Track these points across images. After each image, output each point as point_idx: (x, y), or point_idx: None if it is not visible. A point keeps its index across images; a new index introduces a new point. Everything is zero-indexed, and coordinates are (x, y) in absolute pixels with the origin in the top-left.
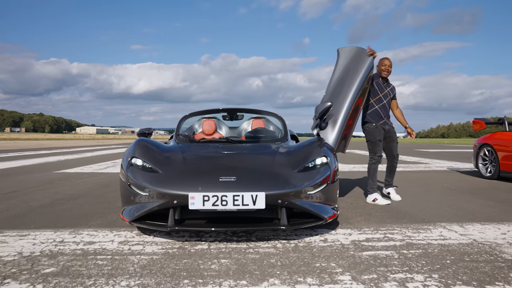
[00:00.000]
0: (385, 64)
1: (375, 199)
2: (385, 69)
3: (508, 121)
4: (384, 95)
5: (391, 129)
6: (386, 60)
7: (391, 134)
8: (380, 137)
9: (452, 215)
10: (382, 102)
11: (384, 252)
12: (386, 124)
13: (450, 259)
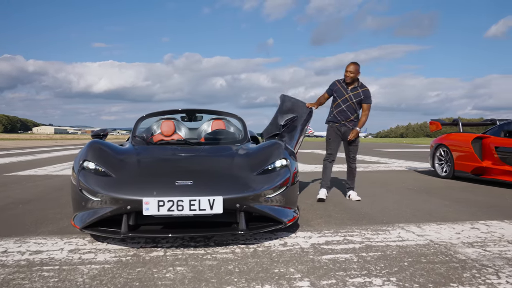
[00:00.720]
0: (347, 70)
1: (318, 193)
2: (347, 75)
3: (462, 122)
4: (343, 100)
5: (349, 131)
6: (349, 66)
7: (347, 136)
8: (331, 137)
9: (410, 216)
10: (340, 107)
11: (344, 256)
12: (344, 126)
13: (408, 261)
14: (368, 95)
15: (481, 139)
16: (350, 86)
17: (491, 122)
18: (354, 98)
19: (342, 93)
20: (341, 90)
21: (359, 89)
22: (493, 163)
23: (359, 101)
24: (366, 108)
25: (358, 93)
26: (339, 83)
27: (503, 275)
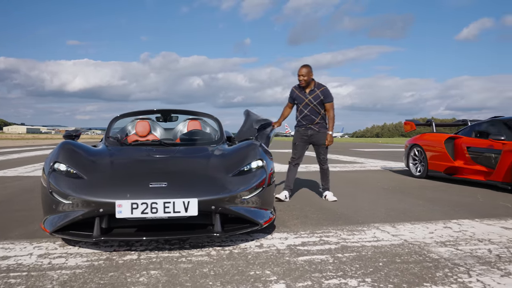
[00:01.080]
0: (299, 74)
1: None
2: (300, 79)
3: (435, 122)
4: (305, 105)
5: (315, 134)
6: (301, 69)
7: (315, 139)
8: (297, 141)
9: (385, 216)
10: (303, 113)
11: (319, 257)
12: (310, 129)
13: (383, 261)
14: (327, 94)
15: (453, 139)
16: (307, 90)
17: (463, 122)
18: (314, 100)
19: (301, 99)
20: (300, 96)
21: (317, 90)
22: (465, 163)
23: (320, 102)
24: (330, 107)
25: (316, 95)
26: (296, 89)
27: (474, 273)
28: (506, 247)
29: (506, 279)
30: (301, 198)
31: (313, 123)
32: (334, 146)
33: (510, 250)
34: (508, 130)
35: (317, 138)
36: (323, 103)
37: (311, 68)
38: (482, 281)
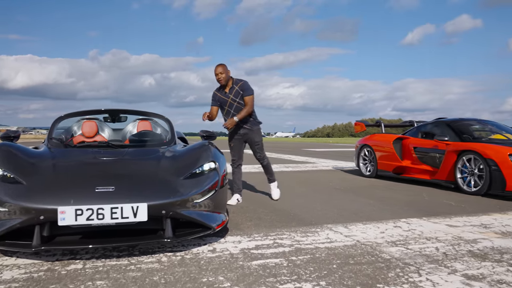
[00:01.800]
0: (217, 73)
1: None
2: (219, 78)
3: (384, 123)
4: (229, 105)
5: (247, 133)
6: (217, 68)
7: (248, 137)
8: (232, 143)
9: (337, 216)
10: (230, 113)
11: (274, 260)
12: (242, 128)
13: (337, 263)
14: (246, 87)
15: (401, 139)
16: (227, 89)
17: (410, 123)
18: (236, 98)
19: (224, 100)
20: (222, 97)
21: (236, 87)
22: (412, 163)
23: (242, 97)
24: (249, 100)
25: (236, 91)
26: (218, 91)
27: (423, 272)
28: (452, 245)
29: (452, 276)
30: (254, 200)
31: (242, 122)
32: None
33: (455, 247)
34: (451, 131)
35: (251, 136)
36: (243, 97)
37: (226, 66)
38: (431, 279)
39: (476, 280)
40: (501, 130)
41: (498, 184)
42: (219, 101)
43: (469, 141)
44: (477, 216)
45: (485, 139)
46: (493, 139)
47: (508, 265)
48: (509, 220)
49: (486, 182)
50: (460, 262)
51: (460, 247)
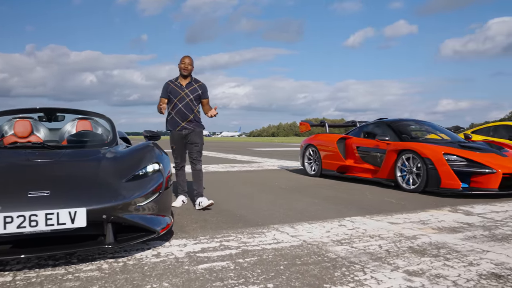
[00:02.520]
0: (185, 62)
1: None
2: (185, 68)
3: (328, 123)
4: (180, 99)
5: (190, 133)
6: (186, 58)
7: (190, 138)
8: (175, 144)
9: (283, 216)
10: (177, 107)
11: (220, 263)
12: (184, 128)
13: (284, 265)
14: (206, 90)
15: (344, 139)
16: (184, 82)
17: (353, 123)
18: (191, 94)
19: (177, 92)
20: (175, 89)
21: (195, 84)
22: (355, 162)
23: (197, 96)
24: (207, 103)
25: (194, 88)
26: (172, 82)
27: (368, 270)
28: (394, 242)
29: (395, 273)
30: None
31: (187, 121)
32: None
33: (397, 244)
34: (392, 131)
35: (192, 137)
36: (200, 98)
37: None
38: (375, 277)
39: (417, 275)
40: (435, 130)
41: (434, 182)
42: (170, 92)
43: (408, 140)
44: (415, 213)
45: (422, 138)
46: (429, 139)
47: (445, 259)
48: (444, 216)
49: (423, 180)
50: (401, 258)
51: (401, 243)
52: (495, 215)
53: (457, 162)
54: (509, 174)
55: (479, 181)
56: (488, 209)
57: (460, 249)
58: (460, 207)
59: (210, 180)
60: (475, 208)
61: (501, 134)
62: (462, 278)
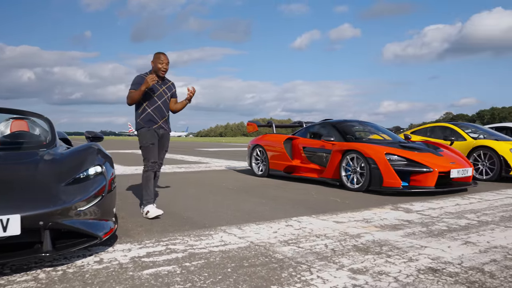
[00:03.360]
0: (163, 61)
1: (147, 211)
2: (164, 68)
3: (275, 124)
4: (159, 95)
5: (165, 134)
6: (164, 56)
7: (163, 141)
8: (153, 141)
9: (231, 217)
10: (157, 104)
11: (166, 268)
12: (161, 128)
13: (231, 267)
14: (175, 89)
15: (291, 140)
16: (160, 79)
17: (299, 124)
18: (168, 92)
19: (156, 88)
20: (154, 85)
21: (169, 82)
22: (301, 162)
23: (171, 95)
24: (175, 102)
25: (169, 86)
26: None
27: (314, 270)
28: (339, 241)
29: (340, 272)
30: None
31: (164, 119)
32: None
33: (342, 243)
34: (337, 132)
35: (165, 139)
36: (173, 97)
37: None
38: (321, 276)
39: (361, 273)
40: (378, 130)
41: (376, 181)
42: (149, 89)
43: (352, 141)
44: (359, 212)
45: (366, 139)
46: (372, 139)
47: (387, 256)
48: (386, 214)
49: (366, 179)
50: (346, 257)
51: (346, 242)
52: (432, 211)
53: (398, 161)
54: (444, 173)
55: (418, 179)
56: (426, 206)
57: (401, 246)
58: (400, 205)
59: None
60: (414, 206)
61: (437, 135)
62: (403, 274)
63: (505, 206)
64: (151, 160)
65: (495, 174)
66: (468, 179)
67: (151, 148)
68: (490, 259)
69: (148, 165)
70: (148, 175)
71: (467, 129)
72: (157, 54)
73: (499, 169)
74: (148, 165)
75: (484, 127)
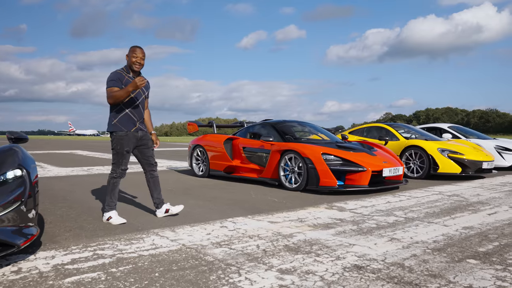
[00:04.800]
0: (138, 55)
1: (110, 217)
2: (139, 62)
3: (216, 124)
4: (137, 94)
5: (145, 135)
6: (139, 50)
7: (145, 141)
8: (129, 147)
9: (165, 220)
10: (135, 103)
11: (91, 275)
12: (140, 130)
13: (159, 271)
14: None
15: (231, 140)
16: (134, 76)
17: (240, 124)
18: (146, 91)
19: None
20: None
21: (145, 80)
22: (241, 162)
23: (147, 95)
24: (147, 104)
25: (147, 85)
26: (125, 73)
27: (243, 271)
28: (271, 241)
29: (269, 272)
30: (81, 206)
31: (141, 120)
32: None
33: (274, 243)
34: (276, 132)
35: (147, 139)
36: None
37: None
38: (249, 278)
39: (289, 273)
40: (317, 131)
41: (313, 180)
42: (126, 84)
43: (291, 141)
44: (295, 211)
45: (304, 139)
46: (311, 139)
47: (316, 255)
48: (320, 213)
49: (304, 178)
50: (276, 257)
51: (278, 242)
52: (364, 209)
53: (334, 161)
54: (377, 172)
55: (353, 178)
56: (359, 205)
57: (330, 245)
58: (335, 203)
59: (92, 183)
60: (348, 204)
61: (373, 135)
62: (329, 272)
63: (430, 202)
64: (122, 167)
65: (425, 172)
66: (399, 178)
67: (125, 155)
68: (411, 254)
69: (118, 171)
70: (115, 182)
71: (400, 129)
72: (132, 47)
73: (428, 167)
74: (118, 172)
75: (416, 128)
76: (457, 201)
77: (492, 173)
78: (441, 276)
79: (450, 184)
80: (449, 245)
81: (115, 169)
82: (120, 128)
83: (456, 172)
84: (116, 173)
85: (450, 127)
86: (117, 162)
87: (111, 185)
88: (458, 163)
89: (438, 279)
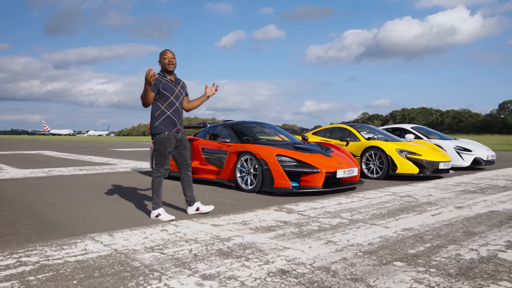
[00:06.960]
0: (170, 56)
1: (159, 214)
2: (170, 62)
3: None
4: (176, 96)
5: (183, 136)
6: (167, 51)
7: (183, 142)
8: (171, 148)
9: (108, 223)
10: (175, 106)
11: (4, 285)
12: (179, 131)
13: (79, 278)
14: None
15: (191, 141)
16: (172, 78)
17: (203, 125)
18: (183, 91)
19: (172, 89)
20: (169, 85)
21: (181, 82)
22: (200, 163)
23: (185, 95)
24: (188, 100)
25: (183, 86)
26: (162, 77)
27: (165, 277)
28: (206, 245)
29: (191, 278)
30: (22, 210)
31: (181, 123)
32: (93, 146)
33: (208, 247)
34: (234, 133)
35: (184, 140)
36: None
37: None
38: (168, 284)
39: (210, 279)
40: (277, 132)
41: (268, 182)
42: (164, 88)
43: (249, 142)
44: (242, 214)
45: (263, 140)
46: (269, 141)
47: (245, 259)
48: (267, 215)
49: (259, 180)
50: (205, 262)
51: (213, 246)
52: (313, 211)
53: (288, 162)
54: (331, 173)
55: (307, 180)
56: (309, 206)
57: (264, 248)
58: (286, 205)
59: (47, 186)
60: (298, 206)
61: (336, 135)
62: (252, 277)
63: (381, 204)
64: (165, 167)
65: (384, 172)
66: (355, 179)
67: (167, 156)
68: (341, 257)
69: (162, 171)
70: (160, 181)
71: (362, 130)
72: (162, 51)
73: (387, 168)
74: (162, 171)
75: (379, 129)
76: (407, 202)
77: (449, 173)
78: (362, 280)
79: (407, 184)
80: (382, 247)
81: (158, 169)
82: (163, 130)
83: (413, 172)
84: (160, 172)
85: (413, 128)
86: (160, 163)
87: (156, 184)
88: (416, 164)
89: (358, 283)
